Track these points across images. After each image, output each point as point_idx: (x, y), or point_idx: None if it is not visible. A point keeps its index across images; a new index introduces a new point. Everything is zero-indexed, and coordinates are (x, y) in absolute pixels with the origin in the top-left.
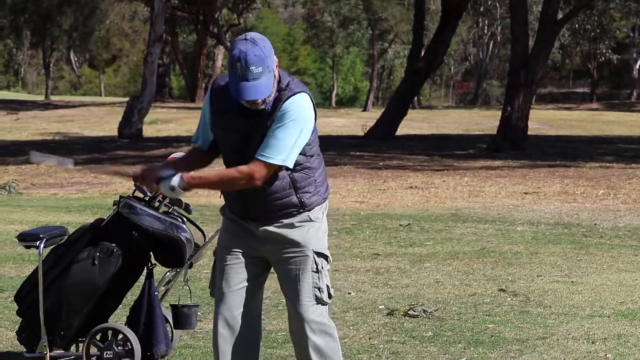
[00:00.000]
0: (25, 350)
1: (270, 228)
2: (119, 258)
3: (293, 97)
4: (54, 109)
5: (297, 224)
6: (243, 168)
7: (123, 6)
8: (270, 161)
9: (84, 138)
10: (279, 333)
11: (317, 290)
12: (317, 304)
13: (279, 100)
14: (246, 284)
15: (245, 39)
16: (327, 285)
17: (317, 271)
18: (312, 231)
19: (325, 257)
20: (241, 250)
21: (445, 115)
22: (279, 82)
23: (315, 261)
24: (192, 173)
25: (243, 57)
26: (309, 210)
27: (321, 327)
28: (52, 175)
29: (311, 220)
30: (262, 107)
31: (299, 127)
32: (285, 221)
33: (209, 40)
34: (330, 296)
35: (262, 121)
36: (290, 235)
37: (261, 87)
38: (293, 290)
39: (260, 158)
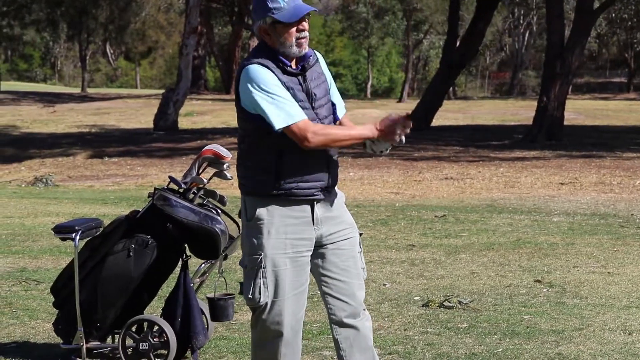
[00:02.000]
0: (62, 342)
1: (338, 198)
2: (154, 250)
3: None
4: (91, 101)
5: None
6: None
7: None
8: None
9: (120, 130)
10: (314, 325)
11: (363, 270)
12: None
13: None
14: (308, 282)
15: None
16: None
17: (361, 251)
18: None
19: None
20: (299, 250)
21: (481, 106)
22: None
23: (360, 242)
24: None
25: None
26: None
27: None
28: (89, 168)
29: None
30: (306, 49)
31: None
32: (339, 193)
33: (244, 32)
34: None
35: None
36: (345, 209)
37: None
38: (353, 274)
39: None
